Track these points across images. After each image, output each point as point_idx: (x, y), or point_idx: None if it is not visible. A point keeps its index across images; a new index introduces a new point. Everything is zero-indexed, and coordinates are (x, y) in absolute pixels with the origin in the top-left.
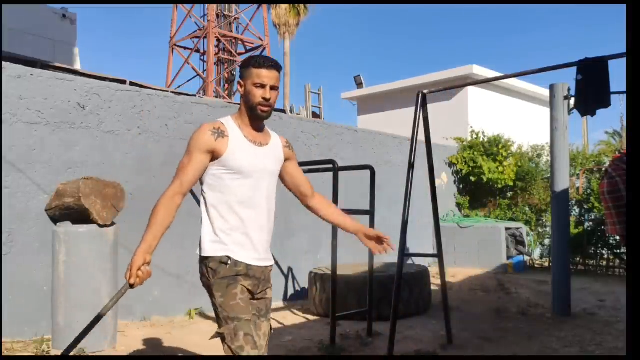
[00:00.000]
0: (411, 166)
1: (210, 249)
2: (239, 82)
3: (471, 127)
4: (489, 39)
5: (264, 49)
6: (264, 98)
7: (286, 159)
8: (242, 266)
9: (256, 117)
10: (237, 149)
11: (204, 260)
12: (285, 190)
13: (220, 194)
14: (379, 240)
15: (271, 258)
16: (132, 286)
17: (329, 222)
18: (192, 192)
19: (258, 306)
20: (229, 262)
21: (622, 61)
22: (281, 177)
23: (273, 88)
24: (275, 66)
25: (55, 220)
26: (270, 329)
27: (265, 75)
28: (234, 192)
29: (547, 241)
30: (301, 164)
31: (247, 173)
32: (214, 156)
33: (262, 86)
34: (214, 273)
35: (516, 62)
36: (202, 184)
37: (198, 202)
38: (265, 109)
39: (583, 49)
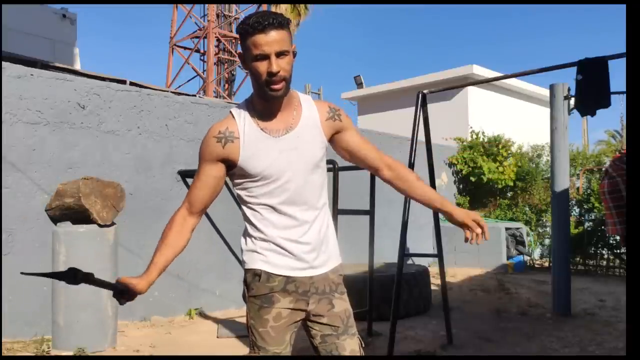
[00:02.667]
0: (411, 166)
1: (246, 259)
2: (239, 55)
3: (471, 127)
4: (489, 39)
5: None
6: (269, 73)
7: (335, 133)
8: (277, 280)
9: (270, 99)
10: (252, 151)
11: (244, 273)
12: None
13: (250, 204)
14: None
15: (327, 264)
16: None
17: (411, 198)
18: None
19: (330, 325)
20: (262, 275)
21: (622, 61)
22: (340, 154)
23: (280, 54)
24: (275, 24)
25: (55, 220)
26: (361, 345)
27: (264, 41)
28: (263, 201)
29: (547, 241)
30: None
31: (272, 176)
32: (229, 165)
33: (264, 57)
34: (248, 288)
35: (516, 62)
36: (237, 195)
37: None
38: (277, 86)
39: (583, 49)
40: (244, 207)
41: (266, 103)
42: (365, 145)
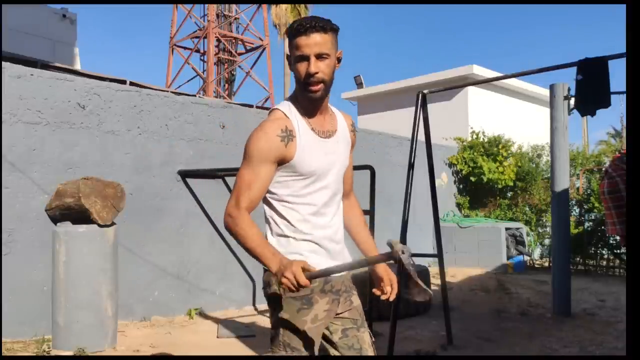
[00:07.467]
0: (411, 166)
1: None
2: (287, 58)
3: (471, 127)
4: (489, 38)
5: (264, 49)
6: (307, 74)
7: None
8: (318, 281)
9: (309, 100)
10: (306, 150)
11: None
12: None
13: (289, 203)
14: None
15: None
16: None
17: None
18: (191, 191)
19: (351, 318)
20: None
21: (622, 61)
22: None
23: (321, 56)
24: (317, 27)
25: (55, 220)
26: (371, 337)
27: (304, 43)
28: (307, 200)
29: (547, 241)
30: None
31: (319, 175)
32: (281, 161)
33: (304, 58)
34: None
35: (516, 62)
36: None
37: (198, 201)
38: (315, 87)
39: (583, 49)
40: (278, 206)
41: (310, 105)
42: (349, 168)
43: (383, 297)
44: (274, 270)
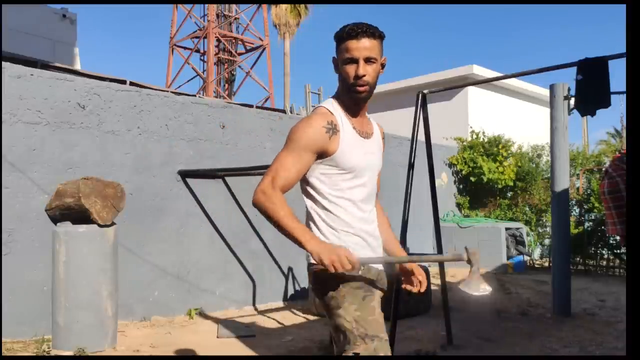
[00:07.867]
0: (411, 166)
1: None
2: (333, 60)
3: (471, 127)
4: (489, 38)
5: (264, 49)
6: (356, 75)
7: None
8: (374, 271)
9: (355, 101)
10: (348, 146)
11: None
12: None
13: (331, 196)
14: (414, 278)
15: None
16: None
17: None
18: (191, 191)
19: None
20: (363, 267)
21: (622, 61)
22: None
23: (369, 60)
24: (368, 32)
25: (55, 220)
26: None
27: (354, 47)
28: (346, 194)
29: (547, 241)
30: None
31: (359, 172)
32: (323, 154)
33: (353, 61)
34: (342, 281)
35: (516, 62)
36: (305, 182)
37: (198, 201)
38: (362, 88)
39: (583, 49)
40: (320, 199)
41: (354, 106)
42: (379, 173)
43: (414, 290)
44: (311, 247)
